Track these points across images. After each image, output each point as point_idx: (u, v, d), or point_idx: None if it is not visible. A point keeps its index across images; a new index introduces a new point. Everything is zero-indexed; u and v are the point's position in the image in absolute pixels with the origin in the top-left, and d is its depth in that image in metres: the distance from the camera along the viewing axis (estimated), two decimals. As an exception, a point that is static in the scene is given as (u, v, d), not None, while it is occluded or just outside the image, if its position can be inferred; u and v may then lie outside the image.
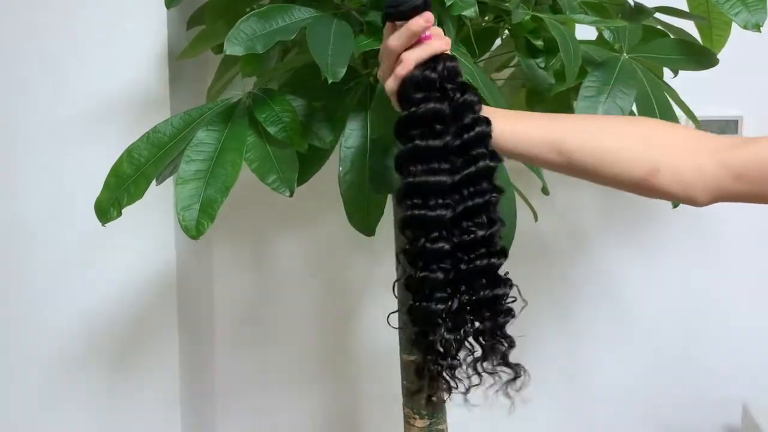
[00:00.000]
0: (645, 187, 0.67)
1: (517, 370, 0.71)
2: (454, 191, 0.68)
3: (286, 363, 1.61)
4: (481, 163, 0.68)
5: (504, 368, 0.71)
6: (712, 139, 0.67)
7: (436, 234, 0.67)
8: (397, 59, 0.69)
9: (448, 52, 0.70)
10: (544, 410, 1.59)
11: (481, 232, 0.68)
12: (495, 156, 0.69)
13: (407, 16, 0.67)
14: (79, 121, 1.34)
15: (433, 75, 0.68)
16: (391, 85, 0.70)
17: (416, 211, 0.67)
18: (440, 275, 0.68)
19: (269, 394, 1.62)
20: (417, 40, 0.69)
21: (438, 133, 0.68)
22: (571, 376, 1.59)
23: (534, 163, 0.72)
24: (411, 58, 0.68)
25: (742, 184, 0.64)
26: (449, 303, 0.68)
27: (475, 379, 0.72)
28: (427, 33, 0.69)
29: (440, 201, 0.67)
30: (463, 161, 0.68)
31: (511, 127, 0.69)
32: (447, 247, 0.67)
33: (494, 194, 0.69)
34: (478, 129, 0.68)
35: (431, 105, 0.68)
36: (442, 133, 0.68)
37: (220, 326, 1.60)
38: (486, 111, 0.71)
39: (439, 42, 0.69)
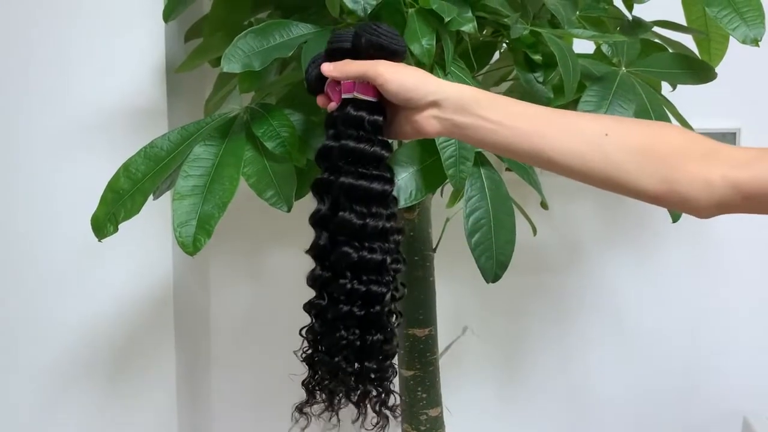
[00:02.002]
0: (653, 202, 0.68)
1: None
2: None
3: (284, 377, 1.60)
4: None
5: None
6: (725, 153, 0.66)
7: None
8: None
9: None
10: (542, 421, 1.59)
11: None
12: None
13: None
14: (76, 134, 1.34)
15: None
16: None
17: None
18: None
19: (266, 406, 1.61)
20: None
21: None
22: (570, 389, 1.58)
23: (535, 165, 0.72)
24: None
25: (749, 202, 0.64)
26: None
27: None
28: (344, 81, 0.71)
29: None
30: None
31: (511, 123, 0.67)
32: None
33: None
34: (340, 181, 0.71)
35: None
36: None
37: (216, 340, 1.59)
38: (479, 99, 0.68)
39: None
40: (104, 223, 0.90)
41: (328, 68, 0.70)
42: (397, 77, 0.68)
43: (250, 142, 0.91)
